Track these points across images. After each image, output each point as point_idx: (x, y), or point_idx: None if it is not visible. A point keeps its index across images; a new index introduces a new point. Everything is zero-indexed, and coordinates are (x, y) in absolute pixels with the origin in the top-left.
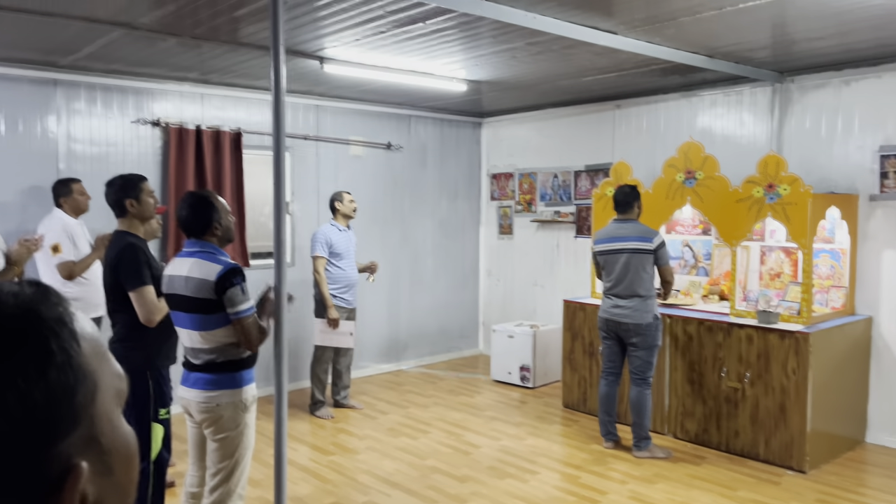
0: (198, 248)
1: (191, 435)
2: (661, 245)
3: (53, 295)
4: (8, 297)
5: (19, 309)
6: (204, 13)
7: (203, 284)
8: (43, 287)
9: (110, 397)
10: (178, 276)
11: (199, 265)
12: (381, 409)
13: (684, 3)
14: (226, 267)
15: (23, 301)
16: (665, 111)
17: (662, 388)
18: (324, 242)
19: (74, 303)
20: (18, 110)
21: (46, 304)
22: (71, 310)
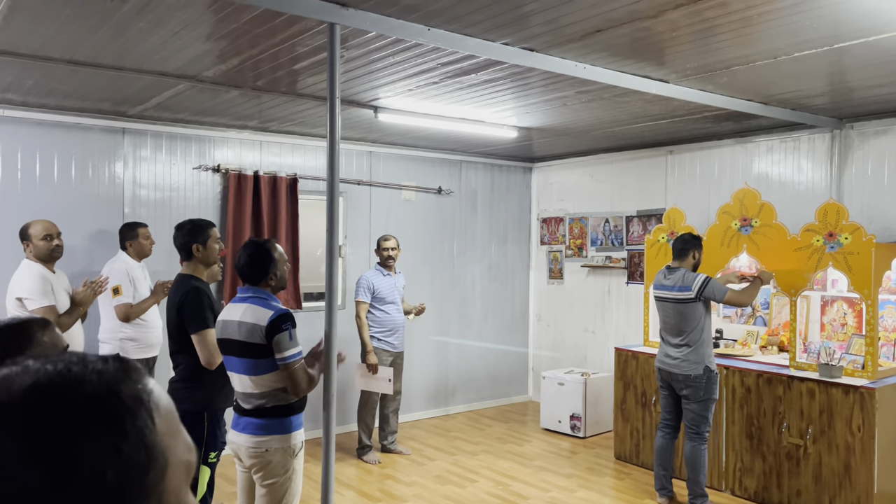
0: (251, 294)
1: (240, 479)
2: (702, 286)
3: (134, 371)
4: (93, 374)
5: (102, 388)
6: (265, 67)
7: (254, 329)
8: (125, 364)
9: (180, 473)
10: (232, 320)
11: (251, 310)
12: (429, 456)
13: (737, 52)
14: (277, 312)
15: (106, 380)
16: (719, 157)
17: (719, 442)
18: (366, 288)
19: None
20: (89, 157)
21: (127, 384)
22: (149, 386)
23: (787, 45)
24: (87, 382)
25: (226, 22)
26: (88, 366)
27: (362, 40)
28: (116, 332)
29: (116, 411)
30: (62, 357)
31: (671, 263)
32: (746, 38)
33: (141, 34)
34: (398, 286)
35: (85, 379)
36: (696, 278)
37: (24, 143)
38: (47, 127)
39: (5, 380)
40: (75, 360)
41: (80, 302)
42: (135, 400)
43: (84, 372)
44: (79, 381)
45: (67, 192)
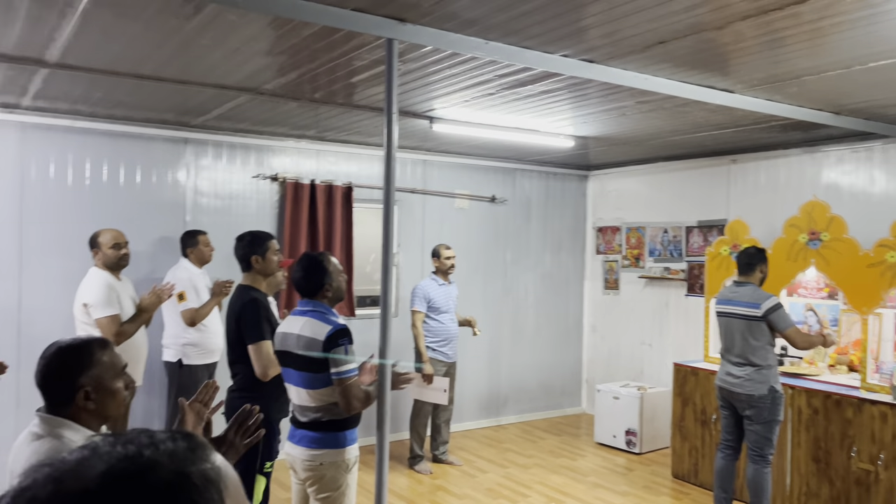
0: (310, 308)
1: (294, 491)
2: (772, 309)
3: (201, 449)
4: (164, 456)
5: (173, 472)
6: (322, 80)
7: (312, 343)
8: (193, 441)
9: None
10: (291, 333)
11: (310, 324)
12: (480, 467)
13: (808, 62)
14: (334, 328)
15: (177, 463)
16: (786, 167)
17: (784, 465)
18: (422, 297)
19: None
20: (153, 166)
21: (197, 464)
22: (217, 462)
23: (861, 55)
24: (159, 467)
25: (286, 38)
26: (159, 447)
27: (419, 54)
28: (179, 337)
29: (189, 496)
30: (131, 438)
31: (737, 278)
32: (818, 49)
33: (204, 50)
34: (452, 296)
35: (157, 463)
36: (769, 299)
37: (92, 153)
38: (114, 137)
39: (79, 466)
40: (145, 441)
41: (145, 308)
42: (205, 481)
43: (155, 455)
44: (151, 466)
45: (133, 199)
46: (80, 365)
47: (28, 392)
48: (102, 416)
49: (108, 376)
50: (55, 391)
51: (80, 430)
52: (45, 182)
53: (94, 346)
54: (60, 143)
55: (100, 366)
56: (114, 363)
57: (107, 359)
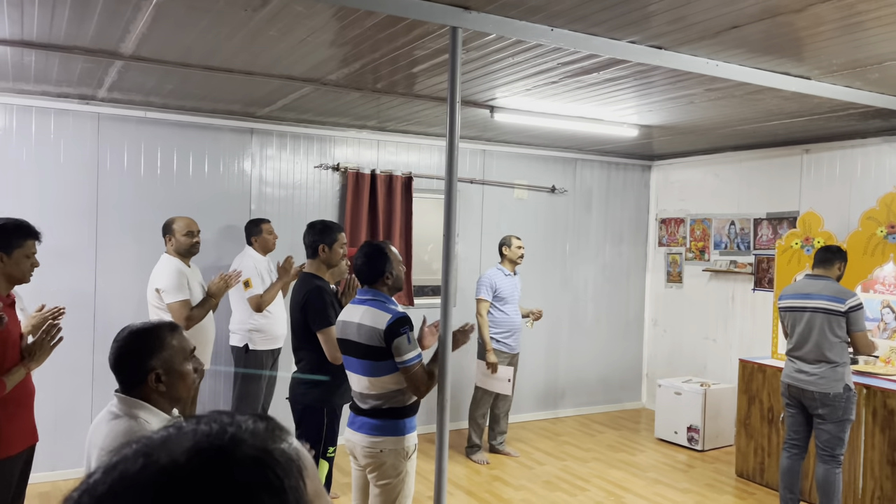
0: (370, 297)
1: (355, 478)
2: (855, 308)
3: (280, 430)
4: (246, 434)
5: (257, 448)
6: (385, 70)
7: (373, 332)
8: (272, 422)
9: None
10: (351, 322)
11: (370, 313)
12: (538, 459)
13: (891, 47)
14: (394, 316)
15: (259, 439)
16: (863, 157)
17: (856, 467)
18: (489, 286)
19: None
20: (220, 155)
21: (277, 442)
22: (295, 444)
23: None
24: (243, 443)
25: (349, 28)
26: (241, 426)
27: (482, 42)
28: (245, 323)
29: (274, 471)
30: (213, 417)
31: (813, 272)
32: None
33: (271, 41)
34: (517, 287)
35: (241, 440)
36: (854, 296)
37: (163, 143)
38: (184, 127)
39: (167, 442)
40: (227, 420)
41: (213, 293)
42: (287, 459)
43: (239, 433)
44: (236, 441)
45: (201, 188)
46: (150, 348)
47: (103, 373)
48: (173, 398)
49: (177, 359)
50: (128, 373)
51: (154, 412)
52: (119, 171)
53: (163, 330)
54: (134, 133)
55: (170, 349)
56: (183, 347)
57: (176, 342)
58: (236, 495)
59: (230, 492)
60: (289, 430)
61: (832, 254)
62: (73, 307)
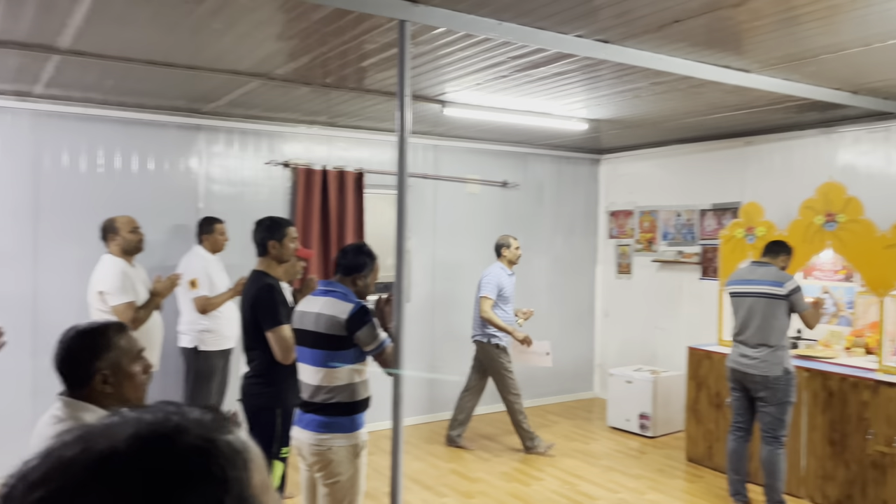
0: (332, 289)
1: (303, 478)
2: (794, 291)
3: (227, 421)
4: (191, 423)
5: (201, 437)
6: (334, 64)
7: (334, 321)
8: (219, 413)
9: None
10: (310, 312)
11: (331, 303)
12: (494, 451)
13: (826, 40)
14: (357, 305)
15: (204, 429)
16: (801, 148)
17: (799, 448)
18: (494, 284)
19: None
20: (165, 153)
21: (223, 433)
22: (243, 437)
23: (879, 32)
24: (187, 431)
25: (296, 21)
26: (186, 415)
27: (431, 36)
28: (195, 323)
29: (217, 462)
30: (159, 407)
31: (761, 259)
32: (836, 26)
33: (215, 35)
34: (514, 286)
35: (185, 428)
36: (792, 278)
37: (105, 141)
38: (127, 124)
39: (107, 429)
40: (172, 409)
41: (157, 292)
42: (233, 450)
43: (183, 421)
44: (179, 430)
45: (146, 187)
46: (97, 348)
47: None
48: (120, 400)
49: (125, 360)
50: (74, 374)
51: (100, 414)
52: (58, 170)
53: (111, 330)
54: (73, 130)
55: (117, 349)
56: (131, 347)
57: (124, 342)
58: (176, 483)
59: (170, 480)
60: (238, 425)
61: (780, 247)
62: (12, 311)
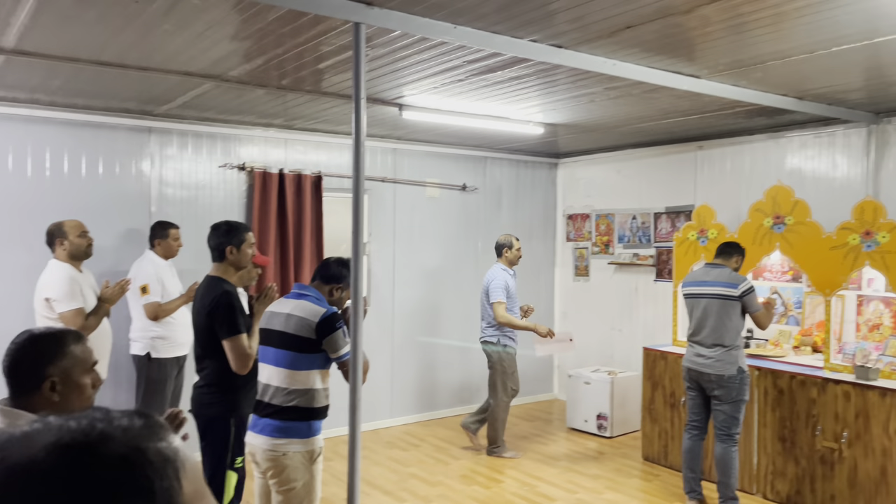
0: (307, 292)
1: (257, 486)
2: (747, 291)
3: (159, 428)
4: (118, 431)
5: (127, 446)
6: (289, 66)
7: (305, 323)
8: (150, 419)
9: None
10: (280, 312)
11: (304, 306)
12: (454, 455)
13: (772, 47)
14: (329, 311)
15: (132, 437)
16: (751, 153)
17: (751, 445)
18: (504, 287)
19: (161, 341)
20: (116, 156)
21: (153, 441)
22: (175, 444)
23: (823, 39)
24: (112, 440)
25: (250, 22)
26: (113, 422)
27: (387, 39)
28: (147, 330)
29: (143, 472)
30: (85, 413)
31: (714, 260)
32: (782, 34)
33: (166, 35)
34: (516, 285)
35: (110, 436)
36: (745, 279)
37: (52, 143)
38: (75, 126)
39: (26, 438)
40: (99, 416)
41: (106, 299)
42: (162, 459)
43: (109, 429)
44: (104, 438)
45: (95, 190)
46: (51, 354)
47: None
48: (65, 411)
49: (77, 370)
50: (22, 379)
51: None
52: (3, 173)
53: (68, 338)
54: (19, 133)
55: (71, 358)
56: (85, 358)
57: (79, 352)
58: (98, 496)
59: (91, 492)
60: (170, 430)
61: (732, 248)
62: None
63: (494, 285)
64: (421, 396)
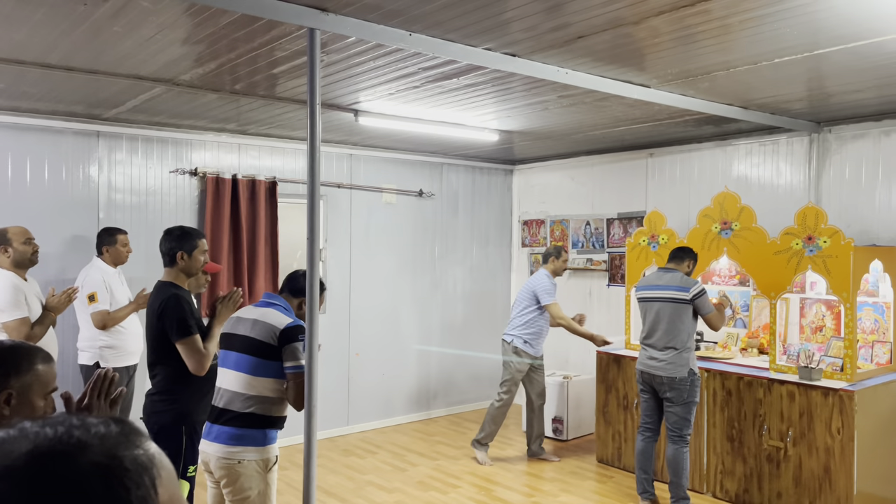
0: (279, 303)
1: (210, 496)
2: (698, 294)
3: (135, 435)
4: (94, 439)
5: (104, 455)
6: (243, 70)
7: (270, 330)
8: (126, 426)
9: None
10: (247, 318)
11: (272, 314)
12: (411, 461)
13: (718, 58)
14: (296, 322)
15: (109, 446)
16: (699, 160)
17: (701, 445)
18: (552, 290)
19: (109, 351)
20: (62, 160)
21: (130, 449)
22: (151, 450)
23: (767, 51)
24: (89, 448)
25: (203, 26)
26: (90, 430)
27: (342, 45)
28: (95, 340)
29: (120, 481)
30: (60, 419)
31: (666, 265)
32: (727, 45)
33: (115, 38)
34: None
35: (87, 445)
36: (696, 283)
37: None
38: (19, 130)
39: (4, 444)
40: (76, 423)
41: (52, 308)
42: (138, 466)
43: (86, 437)
44: (81, 447)
45: (41, 196)
46: (16, 367)
47: None
48: None
49: (36, 389)
50: None
51: None
52: None
53: (37, 355)
54: None
55: (34, 375)
56: (47, 381)
57: (43, 373)
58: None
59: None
60: (146, 435)
61: (685, 252)
62: None
63: (542, 289)
64: (378, 403)
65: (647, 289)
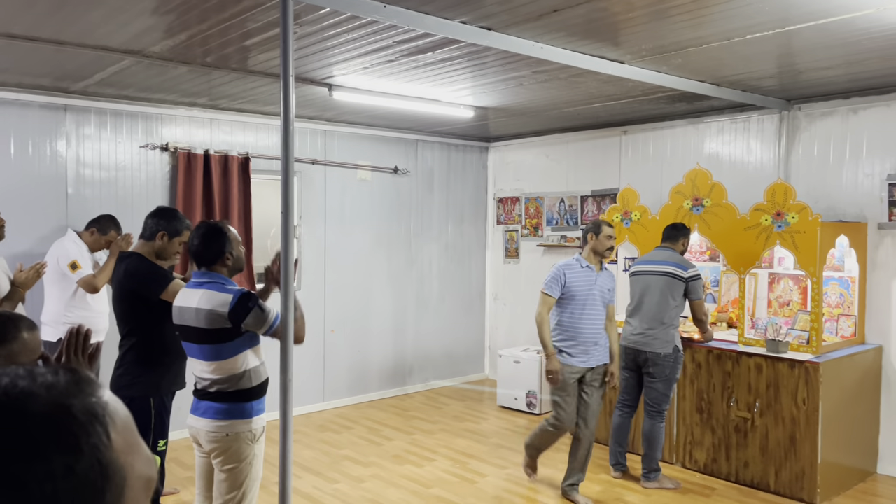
0: (206, 279)
1: (198, 465)
2: (694, 277)
3: (86, 383)
4: (41, 388)
5: (51, 404)
6: (214, 42)
7: (215, 316)
8: (77, 375)
9: (139, 490)
10: (189, 307)
11: (208, 296)
12: (387, 436)
13: (691, 33)
14: (236, 295)
15: (56, 394)
16: (672, 137)
17: (671, 417)
18: (559, 280)
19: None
20: (28, 135)
21: (80, 397)
22: (104, 398)
23: (739, 27)
24: (35, 397)
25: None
26: (37, 379)
27: (316, 16)
28: (61, 315)
29: (68, 428)
30: (7, 371)
31: (662, 244)
32: (700, 20)
33: (82, 8)
34: (600, 286)
35: (33, 394)
36: (695, 267)
37: None
38: None
39: None
40: (22, 373)
41: (20, 284)
42: (88, 415)
43: (32, 386)
44: (26, 396)
45: (7, 172)
46: (2, 335)
47: None
48: None
49: (22, 358)
50: None
51: None
52: None
53: (22, 324)
54: None
55: (20, 343)
56: (33, 348)
57: (29, 341)
58: (21, 453)
59: (14, 449)
60: (99, 384)
61: (677, 230)
62: None
63: (551, 274)
64: (353, 379)
65: (642, 263)
